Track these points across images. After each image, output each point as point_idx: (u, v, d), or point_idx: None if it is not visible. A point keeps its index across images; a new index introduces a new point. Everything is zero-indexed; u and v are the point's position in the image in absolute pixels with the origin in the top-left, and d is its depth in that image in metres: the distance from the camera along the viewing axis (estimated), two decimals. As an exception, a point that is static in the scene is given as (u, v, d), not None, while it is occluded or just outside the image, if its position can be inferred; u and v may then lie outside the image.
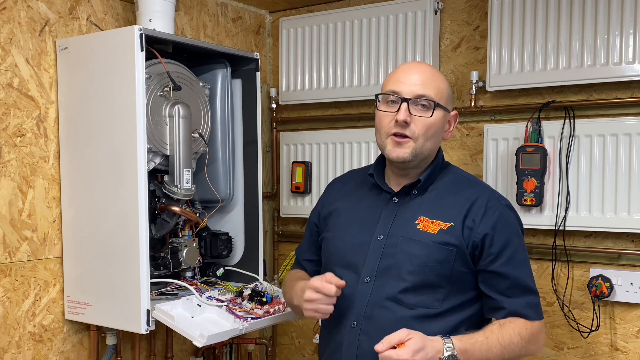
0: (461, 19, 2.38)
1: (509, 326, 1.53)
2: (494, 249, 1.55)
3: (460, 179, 1.66)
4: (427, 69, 1.63)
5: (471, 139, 2.38)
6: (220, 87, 2.23)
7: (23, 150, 1.95)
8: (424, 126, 1.56)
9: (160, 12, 2.04)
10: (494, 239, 1.54)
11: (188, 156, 2.03)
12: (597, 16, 2.04)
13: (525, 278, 1.58)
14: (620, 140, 2.03)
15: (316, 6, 2.70)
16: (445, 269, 1.54)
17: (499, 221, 1.56)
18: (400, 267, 1.56)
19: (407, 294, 1.54)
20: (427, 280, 1.54)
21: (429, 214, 1.58)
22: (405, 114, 1.54)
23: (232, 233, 2.28)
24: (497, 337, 1.50)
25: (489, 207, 1.57)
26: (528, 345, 1.55)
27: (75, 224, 2.01)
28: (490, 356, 1.49)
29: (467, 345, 1.46)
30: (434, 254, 1.54)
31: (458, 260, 1.54)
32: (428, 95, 1.56)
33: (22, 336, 1.96)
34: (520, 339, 1.52)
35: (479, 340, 1.49)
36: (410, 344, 1.39)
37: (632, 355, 2.10)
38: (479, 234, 1.54)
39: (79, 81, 1.98)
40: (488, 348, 1.49)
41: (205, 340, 1.79)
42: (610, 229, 2.06)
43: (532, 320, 1.56)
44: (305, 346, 2.80)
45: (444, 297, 1.55)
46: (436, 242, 1.54)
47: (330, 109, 2.67)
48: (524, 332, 1.53)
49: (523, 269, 1.58)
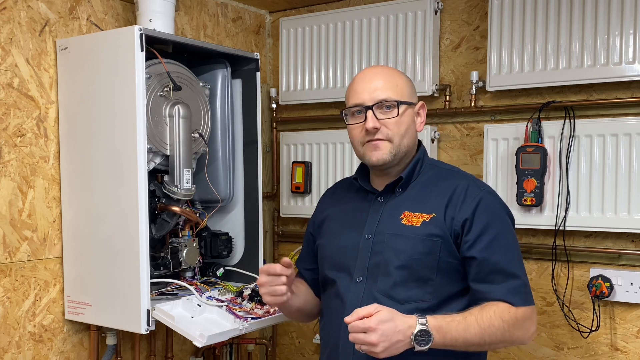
0: (461, 19, 2.38)
1: (490, 309, 1.48)
2: (472, 235, 1.53)
3: (441, 171, 1.67)
4: (381, 71, 1.66)
5: (471, 139, 2.38)
6: (220, 87, 2.23)
7: (23, 150, 1.95)
8: (395, 125, 1.59)
9: (160, 12, 2.04)
10: (472, 224, 1.53)
11: (188, 156, 2.03)
12: (597, 16, 2.04)
13: (508, 263, 1.53)
14: (620, 140, 2.03)
15: (316, 6, 2.70)
16: (431, 260, 1.54)
17: (478, 206, 1.54)
18: (388, 263, 1.57)
19: (397, 289, 1.55)
20: (415, 273, 1.54)
21: (412, 208, 1.59)
22: (373, 121, 1.57)
23: (232, 233, 2.28)
24: (476, 318, 1.47)
25: (468, 194, 1.56)
26: (512, 329, 1.49)
27: (75, 224, 2.01)
28: (468, 336, 1.45)
29: (442, 323, 1.44)
30: (419, 247, 1.54)
31: (444, 251, 1.54)
32: (389, 97, 1.58)
33: (22, 336, 1.96)
34: (501, 322, 1.47)
35: (456, 319, 1.46)
36: (378, 315, 1.39)
37: (632, 355, 2.10)
38: (459, 220, 1.54)
39: (79, 81, 1.98)
40: (465, 328, 1.45)
41: (205, 340, 1.79)
42: (610, 229, 2.06)
43: (517, 306, 1.50)
44: (305, 346, 2.80)
45: (435, 289, 1.54)
46: (420, 234, 1.55)
47: (330, 109, 2.67)
48: (506, 316, 1.48)
49: (505, 254, 1.54)
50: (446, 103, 2.38)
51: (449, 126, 2.40)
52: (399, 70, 1.69)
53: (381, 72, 1.64)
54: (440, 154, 2.42)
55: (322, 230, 1.77)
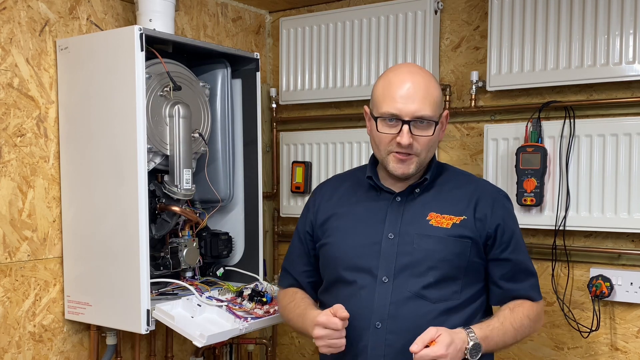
0: (461, 19, 2.38)
1: (519, 310, 1.61)
2: (505, 238, 1.63)
3: (456, 174, 1.73)
4: (420, 79, 1.57)
5: (471, 139, 2.38)
6: (220, 87, 2.23)
7: (23, 150, 1.95)
8: (426, 143, 1.57)
9: (160, 12, 2.04)
10: (505, 229, 1.63)
11: (188, 156, 2.03)
12: (597, 16, 2.04)
13: (528, 262, 1.68)
14: (620, 140, 2.03)
15: (316, 6, 2.70)
16: (462, 260, 1.60)
17: (504, 212, 1.66)
18: (420, 263, 1.58)
19: (430, 289, 1.57)
20: (447, 273, 1.58)
21: (438, 209, 1.63)
22: (408, 138, 1.54)
23: (232, 233, 2.28)
24: (511, 322, 1.58)
25: (495, 200, 1.65)
26: (535, 324, 1.65)
27: (75, 224, 2.01)
28: (507, 340, 1.58)
29: (487, 332, 1.53)
30: (451, 247, 1.59)
31: (472, 252, 1.61)
32: (427, 116, 1.55)
33: (22, 336, 1.96)
34: (529, 320, 1.61)
35: (496, 326, 1.56)
36: (441, 339, 1.45)
37: (632, 355, 2.10)
38: (492, 224, 1.62)
39: (79, 81, 1.98)
40: (504, 332, 1.57)
41: (205, 340, 1.79)
42: (610, 229, 2.06)
43: (536, 301, 1.66)
44: (305, 346, 2.80)
45: (461, 289, 1.60)
46: (452, 235, 1.59)
47: (330, 109, 2.67)
48: (532, 314, 1.63)
49: (524, 253, 1.68)
50: (446, 103, 2.37)
51: (449, 126, 2.40)
52: (431, 75, 1.63)
53: (420, 80, 1.57)
54: (440, 154, 2.42)
55: (327, 229, 1.71)
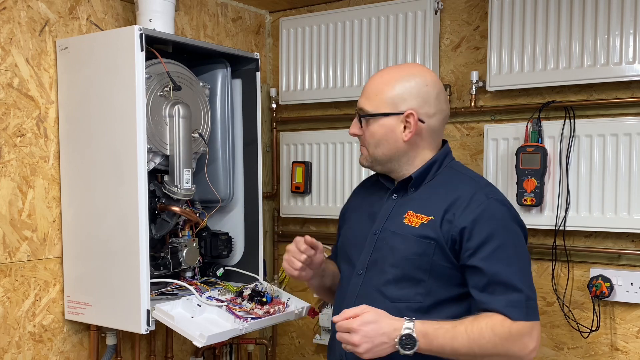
0: (461, 19, 2.38)
1: (483, 320, 1.44)
2: (472, 243, 1.48)
3: (457, 175, 1.62)
4: (385, 76, 1.61)
5: (471, 139, 2.38)
6: (220, 87, 2.23)
7: (23, 150, 1.95)
8: (369, 135, 1.61)
9: (160, 12, 2.04)
10: (472, 233, 1.48)
11: (188, 156, 2.03)
12: (597, 16, 2.04)
13: (509, 275, 1.46)
14: (620, 140, 2.03)
15: (316, 6, 2.70)
16: (424, 262, 1.52)
17: (482, 215, 1.49)
18: (385, 259, 1.58)
19: (389, 287, 1.56)
20: (407, 273, 1.54)
21: (416, 208, 1.58)
22: (353, 128, 1.64)
23: (232, 233, 2.28)
24: (466, 328, 1.43)
25: (473, 201, 1.51)
26: (506, 343, 1.44)
27: (75, 224, 2.01)
28: (456, 345, 1.43)
29: (430, 329, 1.42)
30: (413, 247, 1.54)
31: (437, 254, 1.51)
32: (363, 109, 1.61)
33: (22, 336, 1.96)
34: (493, 334, 1.42)
35: (445, 327, 1.44)
36: (363, 316, 1.42)
37: (632, 355, 2.10)
38: (457, 227, 1.50)
39: (79, 81, 1.98)
40: (453, 336, 1.43)
41: (205, 340, 1.79)
42: (611, 229, 2.06)
43: (515, 319, 1.44)
44: (305, 346, 2.80)
45: (427, 291, 1.53)
46: (416, 235, 1.54)
47: (330, 109, 2.67)
48: (499, 329, 1.43)
49: (508, 265, 1.47)
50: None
51: (449, 126, 2.40)
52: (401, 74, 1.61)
53: (383, 77, 1.61)
54: (440, 154, 2.42)
55: (343, 219, 1.81)
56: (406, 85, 1.58)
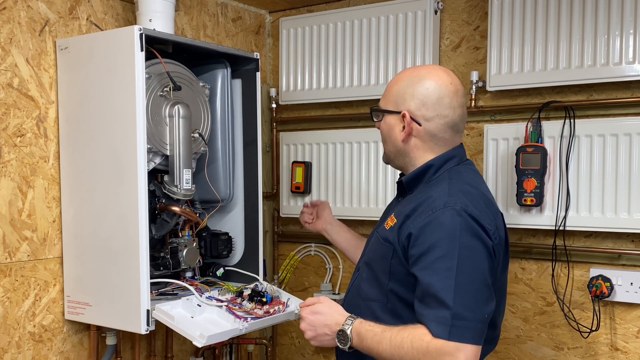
0: (461, 19, 2.38)
1: (407, 330, 1.43)
2: (415, 251, 1.46)
3: (444, 180, 1.56)
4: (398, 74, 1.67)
5: (471, 139, 2.38)
6: (220, 87, 2.23)
7: (23, 150, 1.95)
8: (380, 130, 1.68)
9: (160, 12, 2.04)
10: (417, 241, 1.45)
11: (188, 156, 2.03)
12: (597, 16, 2.04)
13: (441, 289, 1.39)
14: (620, 140, 2.03)
15: (316, 6, 2.70)
16: (384, 264, 1.55)
17: (430, 223, 1.45)
18: (362, 259, 1.70)
19: (362, 285, 1.63)
20: (374, 274, 1.60)
21: (396, 211, 1.60)
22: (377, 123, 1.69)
23: (232, 233, 2.28)
24: (391, 335, 1.43)
25: (428, 209, 1.48)
26: (424, 359, 1.39)
27: (75, 224, 2.01)
28: (380, 350, 1.45)
29: (362, 330, 1.48)
30: (378, 249, 1.60)
31: (395, 258, 1.52)
32: (379, 103, 1.66)
33: (22, 336, 1.96)
34: (411, 347, 1.40)
35: (375, 330, 1.46)
36: (315, 306, 1.56)
37: (632, 356, 2.10)
38: (406, 233, 1.49)
39: (79, 81, 1.97)
40: (379, 341, 1.45)
41: (205, 340, 1.79)
42: (611, 229, 2.06)
43: (437, 336, 1.38)
44: (305, 346, 2.80)
45: (390, 293, 1.54)
46: (382, 237, 1.59)
47: (330, 109, 2.67)
48: (417, 343, 1.39)
49: (444, 279, 1.39)
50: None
51: (449, 126, 2.40)
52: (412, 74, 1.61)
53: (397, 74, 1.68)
54: (440, 154, 2.42)
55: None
56: (409, 85, 1.59)
